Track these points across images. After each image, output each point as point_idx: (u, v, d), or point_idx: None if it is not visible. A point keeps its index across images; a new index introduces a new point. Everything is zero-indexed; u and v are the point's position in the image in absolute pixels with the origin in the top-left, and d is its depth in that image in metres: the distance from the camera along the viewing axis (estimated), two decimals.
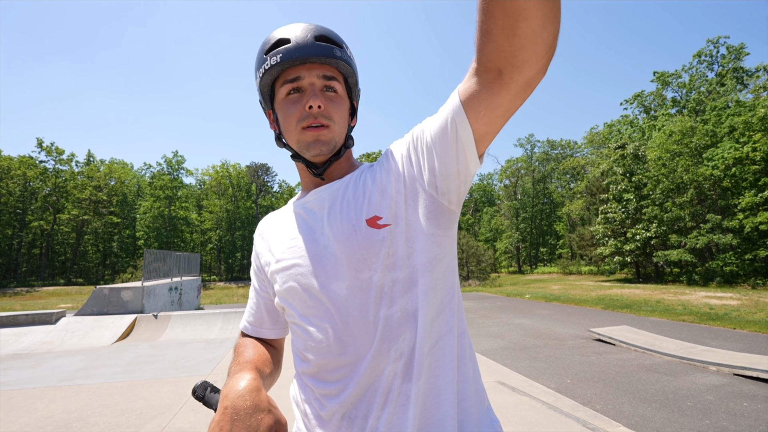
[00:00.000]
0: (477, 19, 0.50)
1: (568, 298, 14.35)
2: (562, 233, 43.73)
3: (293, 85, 0.71)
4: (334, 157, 0.76)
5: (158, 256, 12.79)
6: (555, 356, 6.08)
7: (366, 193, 0.71)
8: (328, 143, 0.71)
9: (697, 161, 21.00)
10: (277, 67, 0.70)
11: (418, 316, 0.64)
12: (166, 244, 42.39)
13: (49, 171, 39.52)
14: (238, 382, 0.60)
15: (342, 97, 0.75)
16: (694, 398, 4.13)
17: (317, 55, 0.69)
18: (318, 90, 0.71)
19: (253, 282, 0.87)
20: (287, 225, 0.79)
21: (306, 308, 0.70)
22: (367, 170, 0.76)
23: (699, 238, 18.96)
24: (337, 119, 0.72)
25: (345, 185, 0.74)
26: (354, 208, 0.70)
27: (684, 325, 8.51)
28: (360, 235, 0.67)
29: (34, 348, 6.74)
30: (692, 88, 31.79)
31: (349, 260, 0.66)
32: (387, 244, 0.66)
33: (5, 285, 33.20)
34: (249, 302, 0.89)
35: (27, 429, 3.20)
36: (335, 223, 0.70)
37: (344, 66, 0.73)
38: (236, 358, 0.75)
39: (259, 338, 0.85)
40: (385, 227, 0.67)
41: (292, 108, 0.71)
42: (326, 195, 0.75)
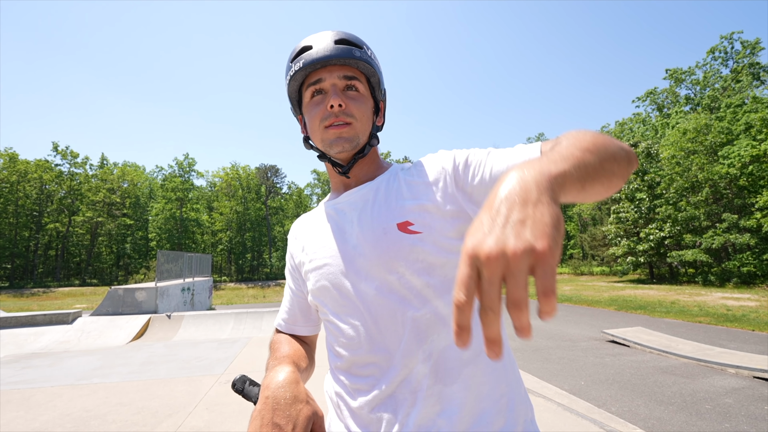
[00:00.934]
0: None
1: (580, 299, 14.16)
2: (572, 233, 43.20)
3: (316, 87, 0.74)
4: (359, 155, 0.77)
5: (171, 257, 12.99)
6: (568, 358, 6.00)
7: (399, 197, 0.72)
8: (351, 140, 0.73)
9: (713, 159, 20.56)
10: (300, 72, 0.73)
11: (450, 320, 0.65)
12: (178, 246, 43.01)
13: (64, 174, 40.45)
14: (278, 375, 0.63)
15: (364, 96, 0.76)
16: (712, 401, 4.03)
17: (337, 57, 0.72)
18: (339, 90, 0.73)
19: (288, 281, 0.90)
20: (319, 226, 0.81)
21: (337, 306, 0.72)
22: (399, 173, 0.77)
23: (715, 238, 18.54)
24: (359, 117, 0.74)
25: (376, 188, 0.76)
26: (386, 211, 0.71)
27: (700, 326, 8.33)
28: (390, 238, 0.68)
29: (52, 347, 6.89)
30: (706, 85, 31.18)
31: (378, 261, 0.68)
32: (417, 250, 0.67)
33: (23, 286, 34.00)
34: (284, 301, 0.92)
35: (47, 426, 3.27)
36: (366, 224, 0.72)
37: (365, 66, 0.75)
38: (273, 354, 0.78)
39: (292, 335, 0.88)
40: (416, 234, 0.68)
41: (316, 109, 0.74)
42: (358, 197, 0.77)
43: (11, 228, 36.36)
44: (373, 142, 0.79)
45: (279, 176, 54.19)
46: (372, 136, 0.78)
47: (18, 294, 27.47)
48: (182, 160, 46.81)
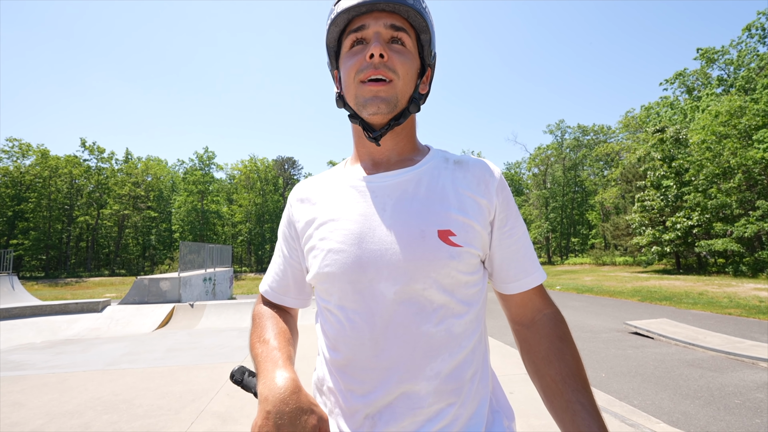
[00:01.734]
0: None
1: (602, 289, 13.82)
2: (594, 222, 42.03)
3: (357, 35, 0.66)
4: (394, 121, 0.69)
5: (193, 248, 13.38)
6: (588, 349, 5.88)
7: (445, 201, 0.66)
8: (388, 100, 0.65)
9: (747, 144, 19.46)
10: (342, 15, 0.65)
11: (462, 342, 0.65)
12: (200, 237, 44.25)
13: (92, 169, 42.01)
14: (277, 382, 0.57)
15: (411, 53, 0.68)
16: (742, 396, 3.88)
17: (386, 1, 0.63)
18: (383, 39, 0.65)
19: (282, 247, 0.81)
20: (339, 199, 0.71)
21: (346, 299, 0.65)
22: (443, 169, 0.71)
23: (748, 227, 17.66)
24: (402, 74, 0.66)
25: (419, 179, 0.69)
26: (428, 212, 0.65)
27: (730, 318, 8.01)
28: (427, 244, 0.62)
29: (84, 334, 7.24)
30: (741, 65, 29.38)
31: (406, 265, 0.62)
32: (452, 264, 0.63)
33: (57, 276, 35.81)
34: (273, 266, 0.82)
35: (80, 409, 3.45)
36: (402, 219, 0.65)
37: (416, 17, 0.66)
38: (260, 334, 0.71)
39: (278, 305, 0.82)
40: (456, 247, 0.63)
41: (353, 59, 0.66)
42: (396, 183, 0.69)
43: (45, 221, 38.18)
44: (412, 108, 0.69)
45: (296, 168, 54.74)
46: (412, 101, 0.69)
47: (53, 284, 28.97)
48: (202, 154, 47.83)
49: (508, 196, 0.72)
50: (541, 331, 0.68)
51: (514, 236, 0.71)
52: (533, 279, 0.71)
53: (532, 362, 0.68)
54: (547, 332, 0.68)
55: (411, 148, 0.74)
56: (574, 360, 0.64)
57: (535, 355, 0.68)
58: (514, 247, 0.71)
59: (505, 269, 0.71)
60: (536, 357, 0.67)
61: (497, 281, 0.73)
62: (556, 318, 0.70)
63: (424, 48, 0.71)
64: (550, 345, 0.66)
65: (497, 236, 0.70)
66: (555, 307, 0.72)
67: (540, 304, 0.72)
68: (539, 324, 0.70)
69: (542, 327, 0.69)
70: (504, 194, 0.71)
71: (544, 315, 0.71)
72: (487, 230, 0.69)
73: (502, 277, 0.72)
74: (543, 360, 0.66)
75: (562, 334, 0.68)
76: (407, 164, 0.72)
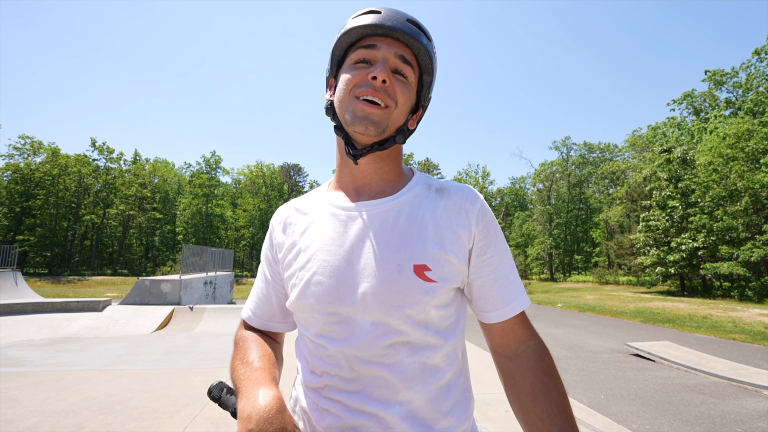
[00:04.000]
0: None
1: (604, 309, 13.65)
2: (598, 241, 41.71)
3: (366, 53, 0.67)
4: (378, 146, 0.69)
5: (195, 251, 13.42)
6: (588, 369, 5.80)
7: (422, 234, 0.66)
8: (378, 124, 0.65)
9: (754, 167, 19.36)
10: (358, 29, 0.66)
11: (437, 374, 0.65)
12: (203, 240, 44.42)
13: (100, 168, 42.53)
14: (260, 401, 0.54)
15: (410, 86, 0.69)
16: (744, 424, 3.80)
17: (403, 31, 0.65)
18: (389, 66, 0.66)
19: (264, 271, 0.80)
20: (320, 228, 0.71)
21: (324, 329, 0.66)
22: (424, 198, 0.71)
23: (754, 251, 17.45)
24: (400, 103, 0.67)
25: (398, 211, 0.69)
26: (405, 246, 0.65)
27: (734, 344, 7.87)
28: (403, 280, 0.63)
29: (83, 333, 7.26)
30: (749, 88, 29.41)
31: (381, 299, 0.63)
32: (426, 300, 0.63)
33: (60, 273, 35.99)
34: (255, 290, 0.81)
35: (74, 408, 3.45)
36: (380, 253, 0.65)
37: (425, 57, 0.69)
38: (241, 356, 0.69)
39: (263, 331, 0.80)
40: (431, 282, 0.63)
41: (354, 72, 0.67)
42: (376, 214, 0.69)
43: (52, 218, 38.55)
44: (398, 139, 0.70)
45: (301, 175, 55.08)
46: (400, 132, 0.70)
47: (56, 281, 29.11)
48: (209, 158, 48.33)
49: (490, 222, 0.71)
50: (525, 365, 0.67)
51: (493, 264, 0.70)
52: (513, 307, 0.70)
53: (517, 398, 0.66)
54: (531, 366, 0.66)
55: (394, 174, 0.74)
56: (560, 396, 0.63)
57: (519, 391, 0.66)
58: (493, 275, 0.70)
59: (484, 298, 0.70)
60: (521, 392, 0.65)
61: (477, 310, 0.72)
62: (541, 350, 0.68)
63: (423, 88, 0.72)
64: (535, 379, 0.65)
65: (475, 264, 0.69)
66: (539, 339, 0.71)
67: (523, 335, 0.70)
68: (523, 356, 0.68)
69: (526, 360, 0.67)
70: (485, 221, 0.70)
71: (528, 347, 0.69)
72: (465, 260, 0.68)
73: (481, 305, 0.71)
74: (528, 395, 0.64)
75: (547, 367, 0.66)
76: (389, 192, 0.72)
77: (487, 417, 3.24)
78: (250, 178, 51.01)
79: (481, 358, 5.16)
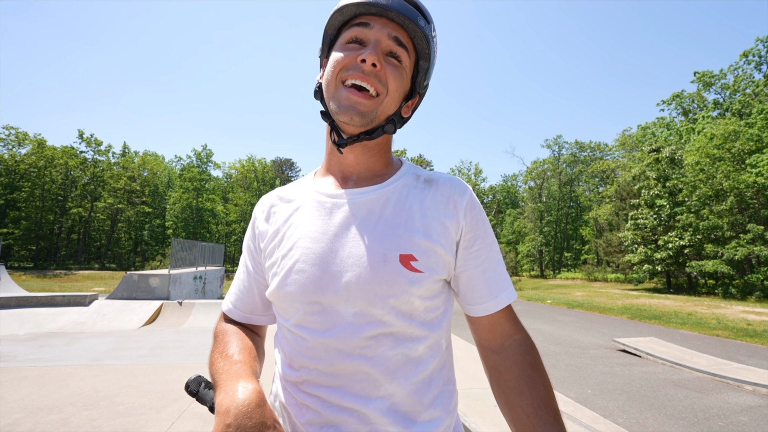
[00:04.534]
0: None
1: (592, 305, 13.86)
2: (588, 238, 42.28)
3: (358, 32, 0.63)
4: (365, 135, 0.66)
5: (185, 245, 13.27)
6: (576, 365, 5.89)
7: (409, 224, 0.65)
8: (366, 114, 0.62)
9: (740, 167, 19.77)
10: (350, 7, 0.63)
11: (420, 366, 0.63)
12: (193, 235, 43.95)
13: (88, 161, 41.72)
14: (239, 393, 0.52)
15: (405, 71, 0.65)
16: (726, 418, 3.89)
17: (398, 11, 0.61)
18: (381, 49, 0.63)
19: (246, 262, 0.77)
20: (304, 215, 0.69)
21: (303, 319, 0.64)
22: (412, 188, 0.69)
23: (738, 249, 17.86)
24: (391, 89, 0.63)
25: (385, 199, 0.67)
26: (392, 235, 0.63)
27: (717, 340, 8.05)
28: (388, 269, 0.61)
29: (69, 328, 7.14)
30: (737, 90, 29.95)
31: (366, 288, 0.61)
32: (411, 290, 0.61)
33: (46, 267, 35.34)
34: (237, 282, 0.78)
35: (58, 404, 3.39)
36: (366, 242, 0.63)
37: (422, 41, 0.65)
38: (220, 350, 0.67)
39: (244, 324, 0.77)
40: (417, 273, 0.62)
41: (344, 53, 0.63)
42: (363, 203, 0.67)
43: (37, 211, 37.76)
44: (387, 129, 0.67)
45: (294, 170, 54.77)
46: (390, 121, 0.67)
47: (41, 275, 28.55)
48: (200, 151, 47.71)
49: (478, 215, 0.69)
50: (511, 358, 0.66)
51: (480, 257, 0.68)
52: (500, 300, 0.68)
53: (503, 392, 0.65)
54: (517, 359, 0.65)
55: (383, 163, 0.72)
56: (545, 390, 0.62)
57: (505, 384, 0.65)
58: (480, 268, 0.68)
59: (470, 291, 0.69)
60: (506, 386, 0.65)
61: (463, 303, 0.71)
62: (527, 344, 0.68)
63: (419, 74, 0.69)
64: (521, 373, 0.64)
65: (463, 257, 0.68)
66: (525, 333, 0.70)
67: (509, 329, 0.69)
68: (509, 350, 0.67)
69: (512, 354, 0.66)
70: (473, 213, 0.69)
71: (514, 341, 0.68)
72: (452, 252, 0.67)
73: (467, 298, 0.70)
74: (514, 390, 0.63)
75: (533, 361, 0.65)
76: (376, 181, 0.70)
77: (476, 412, 3.26)
78: (241, 172, 50.54)
79: (470, 353, 5.20)
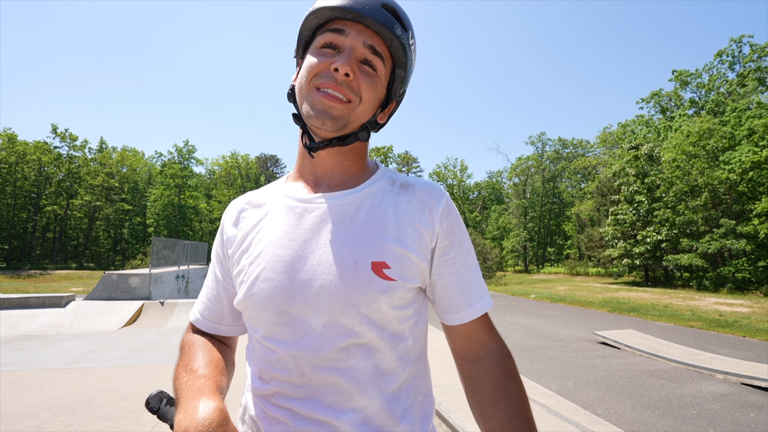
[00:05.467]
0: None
1: (574, 299, 14.22)
2: (570, 233, 43.26)
3: (333, 37, 0.62)
4: (337, 141, 0.64)
5: (167, 243, 12.98)
6: (558, 358, 6.03)
7: (383, 231, 0.63)
8: (338, 120, 0.61)
9: (714, 164, 20.52)
10: (325, 10, 0.61)
11: (391, 378, 0.62)
12: (176, 233, 43.00)
13: (62, 157, 40.25)
14: (199, 414, 0.49)
15: (379, 79, 0.64)
16: (699, 406, 4.06)
17: (374, 19, 0.59)
18: (355, 57, 0.61)
19: (215, 269, 0.74)
20: (273, 221, 0.67)
21: (271, 329, 0.61)
22: (387, 193, 0.68)
23: (711, 243, 18.58)
24: (364, 98, 0.62)
25: (358, 204, 0.65)
26: (363, 242, 0.62)
27: (692, 331, 8.37)
28: (359, 277, 0.59)
29: (44, 330, 6.90)
30: (711, 89, 30.99)
31: (336, 297, 0.59)
32: (383, 299, 0.60)
33: (20, 267, 34.02)
34: (205, 290, 0.76)
35: (33, 409, 3.27)
36: (336, 248, 0.61)
37: (398, 49, 0.63)
38: (186, 363, 0.64)
39: (211, 334, 0.75)
40: (389, 281, 0.60)
41: (318, 59, 0.62)
42: (335, 207, 0.65)
43: (9, 209, 36.26)
44: (361, 136, 0.65)
45: (279, 166, 54.10)
46: (363, 129, 0.65)
47: (15, 275, 27.47)
48: (182, 147, 46.59)
49: (454, 221, 0.69)
50: (486, 368, 0.65)
51: (456, 264, 0.68)
52: (476, 309, 0.68)
53: (478, 402, 0.64)
54: (492, 369, 0.65)
55: (358, 167, 0.71)
56: (520, 399, 0.62)
57: (480, 395, 0.64)
58: (455, 276, 0.68)
59: (446, 299, 0.68)
60: (482, 397, 0.64)
61: (439, 312, 0.70)
62: (502, 353, 0.67)
63: (395, 82, 0.68)
64: (496, 383, 0.63)
65: (438, 264, 0.67)
66: (501, 341, 0.69)
67: (485, 338, 0.68)
68: (485, 359, 0.66)
69: (488, 363, 0.65)
70: (449, 220, 0.68)
71: (489, 350, 0.67)
72: (426, 259, 0.66)
73: (443, 307, 0.69)
74: (489, 400, 0.62)
75: (509, 370, 0.65)
76: (350, 185, 0.68)
77: (460, 408, 3.31)
78: (225, 168, 49.67)
79: None
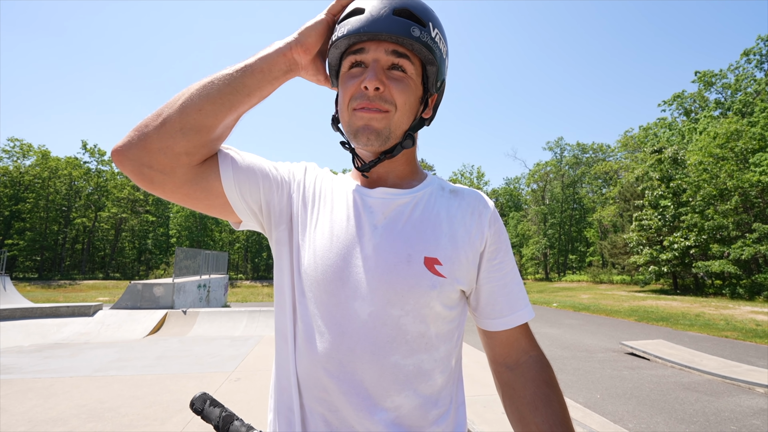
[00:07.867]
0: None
1: (599, 308, 13.74)
2: (592, 240, 42.02)
3: (356, 58, 0.63)
4: (386, 155, 0.66)
5: (189, 254, 13.30)
6: (584, 369, 5.82)
7: (436, 228, 0.65)
8: (380, 132, 0.62)
9: (744, 166, 19.66)
10: (343, 40, 0.62)
11: (430, 381, 0.61)
12: (197, 243, 44.04)
13: (92, 171, 42.06)
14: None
15: (412, 80, 0.64)
16: (738, 422, 3.82)
17: (388, 32, 0.59)
18: (381, 68, 0.61)
19: (269, 163, 0.70)
20: (339, 204, 0.68)
21: (318, 307, 0.61)
22: (439, 196, 0.70)
23: (744, 249, 17.69)
24: (399, 104, 0.62)
25: (414, 203, 0.67)
26: (418, 237, 0.63)
27: (727, 341, 7.95)
28: (411, 270, 0.60)
29: (73, 338, 7.13)
30: (738, 89, 29.87)
31: (386, 288, 0.60)
32: (432, 294, 0.61)
33: (50, 277, 35.46)
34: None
35: (63, 416, 3.37)
36: (390, 242, 0.63)
37: (420, 50, 0.62)
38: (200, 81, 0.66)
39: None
40: (440, 277, 0.61)
41: (350, 83, 0.63)
42: (393, 204, 0.67)
43: (42, 222, 38.00)
44: (406, 144, 0.66)
45: None
46: (407, 136, 0.66)
47: (46, 285, 28.66)
48: None
49: (501, 228, 0.71)
50: (526, 375, 0.66)
51: (503, 270, 0.69)
52: (520, 316, 0.68)
53: (517, 408, 0.64)
54: (533, 376, 0.65)
55: (409, 171, 0.73)
56: (561, 407, 0.62)
57: (520, 401, 0.64)
58: (502, 282, 0.69)
59: (491, 304, 0.68)
60: (521, 403, 0.64)
61: (482, 317, 0.70)
62: (543, 362, 0.67)
63: (428, 78, 0.67)
64: (537, 390, 0.63)
65: (486, 268, 0.68)
66: (541, 351, 0.70)
67: (526, 345, 0.69)
68: (525, 367, 0.67)
69: (528, 370, 0.66)
70: (496, 226, 0.70)
71: (530, 357, 0.68)
72: (475, 263, 0.67)
73: (487, 312, 0.69)
74: (529, 406, 0.62)
75: (549, 378, 0.65)
76: (405, 187, 0.70)
77: (483, 419, 3.22)
78: None
79: (477, 359, 5.15)
